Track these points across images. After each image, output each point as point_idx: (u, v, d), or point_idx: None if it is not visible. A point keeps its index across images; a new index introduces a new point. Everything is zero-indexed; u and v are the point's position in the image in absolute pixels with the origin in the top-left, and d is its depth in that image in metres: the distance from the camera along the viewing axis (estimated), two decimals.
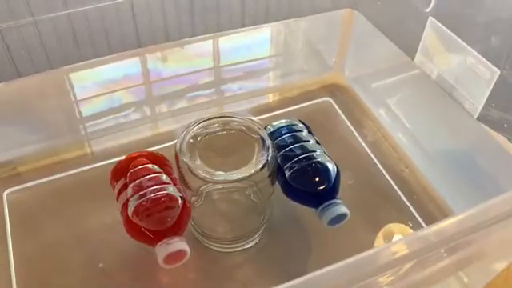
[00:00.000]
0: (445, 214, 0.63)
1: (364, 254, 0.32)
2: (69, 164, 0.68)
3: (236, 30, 0.73)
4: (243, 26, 0.74)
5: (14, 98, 0.65)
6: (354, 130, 0.73)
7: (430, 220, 0.63)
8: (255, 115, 0.72)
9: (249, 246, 0.60)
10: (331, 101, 0.77)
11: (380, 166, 0.69)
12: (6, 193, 0.64)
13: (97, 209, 0.62)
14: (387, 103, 0.73)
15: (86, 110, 0.71)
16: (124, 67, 0.71)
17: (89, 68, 0.68)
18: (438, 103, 0.64)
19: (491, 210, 0.34)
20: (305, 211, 0.57)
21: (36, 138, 0.69)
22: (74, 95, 0.70)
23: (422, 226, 0.62)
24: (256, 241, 0.60)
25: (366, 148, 0.71)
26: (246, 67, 0.77)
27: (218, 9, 0.71)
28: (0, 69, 0.63)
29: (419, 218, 0.63)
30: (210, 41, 0.73)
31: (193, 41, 0.72)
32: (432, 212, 0.64)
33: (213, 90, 0.77)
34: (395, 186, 0.66)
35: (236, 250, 0.59)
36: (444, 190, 0.64)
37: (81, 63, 0.66)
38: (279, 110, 0.75)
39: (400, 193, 0.66)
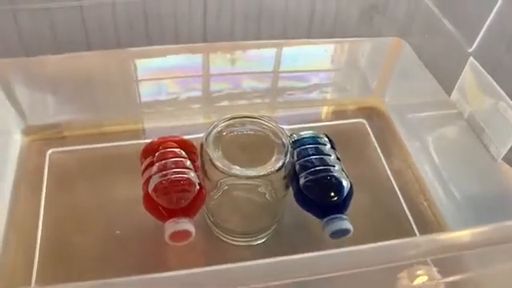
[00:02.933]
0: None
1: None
2: (113, 137, 0.73)
3: (293, 41, 0.76)
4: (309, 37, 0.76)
5: (80, 68, 0.71)
6: (381, 155, 0.74)
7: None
8: (288, 124, 0.75)
9: (256, 243, 0.63)
10: (366, 123, 0.79)
11: (400, 195, 0.69)
12: (49, 152, 0.70)
13: (127, 181, 0.66)
14: (420, 135, 0.74)
15: (142, 91, 0.77)
16: (186, 57, 0.76)
17: (154, 53, 0.73)
18: (465, 143, 0.64)
19: (482, 234, 0.37)
20: (317, 223, 0.59)
21: (89, 107, 0.75)
22: (136, 76, 0.75)
23: (428, 263, 0.63)
24: (263, 240, 0.63)
25: (390, 175, 0.72)
26: (291, 77, 0.80)
27: (285, 18, 0.74)
28: (74, 40, 0.68)
29: None
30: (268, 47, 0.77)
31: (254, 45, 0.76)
32: None
33: (257, 94, 0.81)
34: (410, 217, 0.67)
35: (243, 244, 0.62)
36: (458, 228, 0.64)
37: (147, 47, 0.71)
38: (313, 123, 0.77)
39: (414, 224, 0.66)
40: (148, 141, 0.64)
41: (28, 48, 0.67)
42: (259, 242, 0.63)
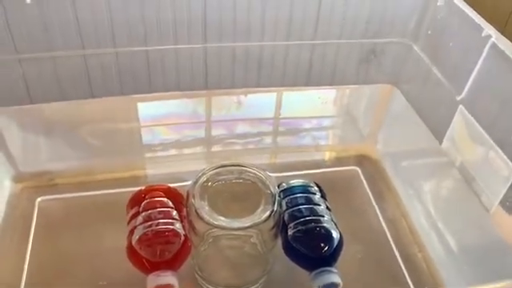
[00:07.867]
0: None
1: None
2: (105, 184, 0.73)
3: (286, 88, 0.77)
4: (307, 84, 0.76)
5: (75, 115, 0.72)
6: (374, 203, 0.73)
7: None
8: (280, 171, 0.74)
9: None
10: (358, 170, 0.78)
11: (393, 245, 0.68)
12: (38, 200, 0.70)
13: (115, 230, 0.64)
14: (413, 183, 0.73)
15: (137, 137, 0.77)
16: (184, 104, 0.77)
17: (156, 100, 0.73)
18: (459, 192, 0.63)
19: None
20: (307, 275, 0.57)
21: (82, 155, 0.75)
22: (135, 121, 0.76)
23: None
24: None
25: (383, 224, 0.70)
26: (283, 123, 0.80)
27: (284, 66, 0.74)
28: (78, 87, 0.69)
29: None
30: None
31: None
32: None
33: (249, 140, 0.81)
34: (404, 268, 0.65)
35: None
36: (452, 280, 0.62)
37: (145, 95, 0.72)
38: (305, 170, 0.76)
39: (407, 275, 0.64)
40: (137, 188, 0.63)
41: (33, 96, 0.67)
42: None
